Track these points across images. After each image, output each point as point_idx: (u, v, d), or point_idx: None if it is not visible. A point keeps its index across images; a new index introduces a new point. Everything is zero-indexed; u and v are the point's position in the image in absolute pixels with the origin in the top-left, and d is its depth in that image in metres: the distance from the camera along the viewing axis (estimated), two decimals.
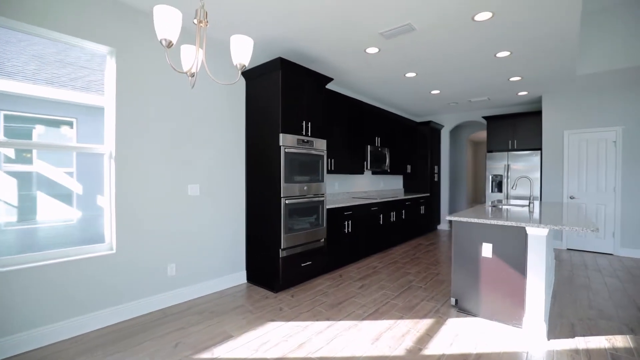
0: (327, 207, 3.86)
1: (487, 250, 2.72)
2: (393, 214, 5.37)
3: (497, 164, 5.86)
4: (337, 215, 4.05)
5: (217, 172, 3.28)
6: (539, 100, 5.75)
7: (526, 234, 2.53)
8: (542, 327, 2.41)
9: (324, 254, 3.80)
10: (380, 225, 5.02)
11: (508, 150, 5.86)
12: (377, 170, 5.50)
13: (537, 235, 2.45)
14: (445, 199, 7.30)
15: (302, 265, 3.51)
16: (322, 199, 3.71)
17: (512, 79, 4.58)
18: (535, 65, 4.03)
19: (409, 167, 6.62)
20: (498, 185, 5.87)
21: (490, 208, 3.63)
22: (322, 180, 3.77)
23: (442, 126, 7.25)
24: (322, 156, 3.77)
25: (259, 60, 3.72)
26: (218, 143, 3.29)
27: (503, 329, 2.55)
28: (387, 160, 5.59)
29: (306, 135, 3.55)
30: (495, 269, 2.68)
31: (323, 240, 3.78)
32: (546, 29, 3.05)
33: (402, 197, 5.66)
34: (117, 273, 2.61)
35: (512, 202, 4.40)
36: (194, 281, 3.15)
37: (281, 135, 3.20)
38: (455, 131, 8.77)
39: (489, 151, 6.04)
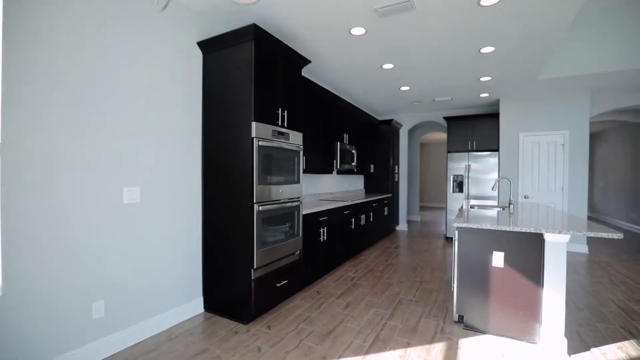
0: (303, 212, 3.27)
1: (497, 259, 2.44)
2: (363, 217, 4.99)
3: (457, 165, 5.90)
4: (312, 221, 3.48)
5: (164, 172, 2.44)
6: (496, 103, 5.94)
7: (543, 241, 2.29)
8: (563, 343, 2.18)
9: (300, 269, 3.19)
10: (352, 230, 4.59)
11: (468, 150, 5.94)
12: (344, 169, 5.07)
13: (556, 242, 2.22)
14: (404, 200, 7.23)
15: (278, 285, 2.86)
16: (298, 203, 3.11)
17: (482, 79, 4.54)
18: (507, 66, 4.00)
19: (372, 166, 6.34)
20: (459, 186, 5.91)
21: (467, 212, 3.43)
22: (298, 181, 3.16)
23: (401, 125, 7.16)
24: (299, 152, 3.17)
25: (219, 31, 2.96)
26: (164, 133, 2.45)
27: (519, 347, 2.27)
28: (355, 159, 5.20)
29: (282, 126, 2.91)
30: (507, 280, 2.41)
31: (299, 252, 3.18)
32: (540, 24, 2.92)
33: (371, 198, 5.32)
34: (3, 326, 1.67)
35: (487, 203, 4.34)
36: (132, 321, 2.28)
37: (254, 124, 2.51)
38: (410, 132, 8.85)
39: (450, 151, 6.07)
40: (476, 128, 5.88)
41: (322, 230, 3.66)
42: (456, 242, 2.64)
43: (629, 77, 4.36)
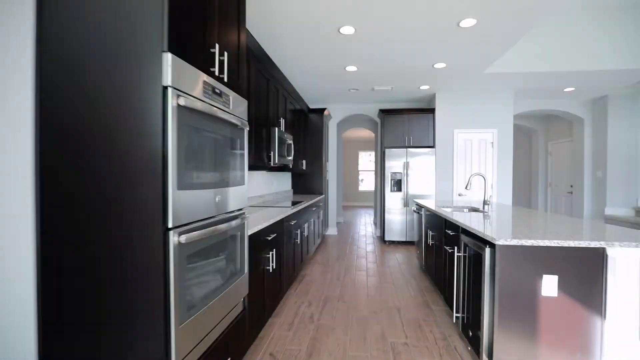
0: (249, 231, 2.00)
1: (549, 285, 1.75)
2: (306, 226, 3.94)
3: (395, 162, 5.44)
4: (259, 243, 2.23)
5: None
6: (429, 99, 5.72)
7: (604, 258, 1.70)
8: None
9: (244, 327, 1.93)
10: (297, 245, 3.48)
11: (405, 146, 5.55)
12: (278, 165, 3.91)
13: (626, 260, 1.66)
14: (334, 201, 6.47)
15: None
16: (243, 219, 1.83)
17: (436, 65, 4.07)
18: (468, 52, 3.60)
19: (304, 162, 5.33)
20: (397, 184, 5.47)
21: (502, 224, 2.81)
22: (243, 182, 1.90)
23: (331, 117, 6.38)
24: (243, 132, 1.90)
25: None
26: None
27: None
28: (292, 152, 4.08)
29: (220, 78, 1.61)
30: (561, 312, 1.75)
31: (243, 300, 1.92)
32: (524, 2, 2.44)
33: (310, 201, 4.29)
34: None
35: (444, 204, 3.86)
36: None
37: (168, 58, 1.17)
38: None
39: (387, 147, 5.57)
40: (412, 123, 5.54)
41: (271, 255, 2.44)
42: (487, 263, 1.86)
43: (549, 80, 4.59)
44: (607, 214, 5.36)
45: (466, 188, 3.19)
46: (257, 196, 3.89)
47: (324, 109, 5.62)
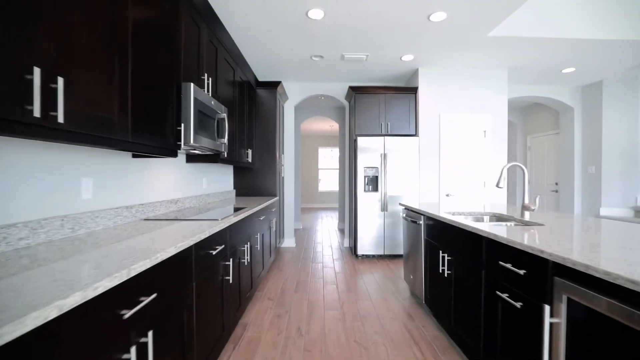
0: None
1: None
2: (247, 247, 2.53)
3: (370, 154, 4.25)
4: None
5: None
6: (411, 76, 4.63)
7: None
8: None
9: None
10: (230, 284, 2.07)
11: (382, 134, 4.39)
12: (202, 151, 2.48)
13: None
14: (292, 204, 5.11)
15: None
16: None
17: (433, 17, 2.93)
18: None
19: (249, 152, 3.90)
20: (372, 183, 4.28)
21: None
22: None
23: (287, 98, 5.02)
24: None
25: None
26: None
27: None
28: (226, 133, 2.65)
29: None
30: None
31: None
32: None
33: (257, 207, 2.89)
34: None
35: (452, 209, 2.72)
36: None
37: None
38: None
39: (359, 135, 4.37)
40: (391, 105, 4.40)
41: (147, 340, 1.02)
42: None
43: (550, 52, 3.74)
44: (603, 215, 4.72)
45: (498, 186, 2.07)
46: (166, 201, 2.39)
47: (277, 83, 4.25)
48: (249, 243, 2.60)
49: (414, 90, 4.37)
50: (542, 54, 3.81)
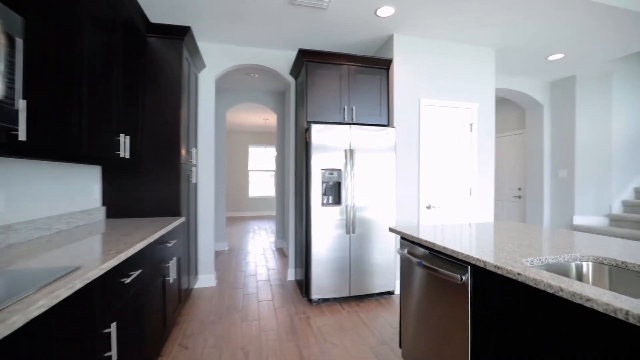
0: None
1: None
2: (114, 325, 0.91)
3: (329, 153, 2.91)
4: None
5: None
6: (383, 44, 3.43)
7: None
8: None
9: None
10: None
11: (346, 122, 3.11)
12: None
13: None
14: (211, 221, 3.46)
15: None
16: None
17: None
18: None
19: (125, 140, 2.17)
20: (333, 191, 2.94)
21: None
22: None
23: (204, 66, 3.37)
24: None
25: None
26: None
27: None
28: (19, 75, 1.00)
29: None
30: None
31: None
32: None
33: (134, 248, 1.26)
34: None
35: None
36: None
37: None
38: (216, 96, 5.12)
39: (313, 122, 2.99)
40: (356, 83, 3.14)
41: None
42: None
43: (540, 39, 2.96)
44: (577, 224, 4.24)
45: None
46: None
47: (183, 30, 2.61)
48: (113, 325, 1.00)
49: (386, 64, 3.19)
50: (533, 31, 2.98)
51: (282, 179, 5.35)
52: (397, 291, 3.18)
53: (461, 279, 1.32)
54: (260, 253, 4.87)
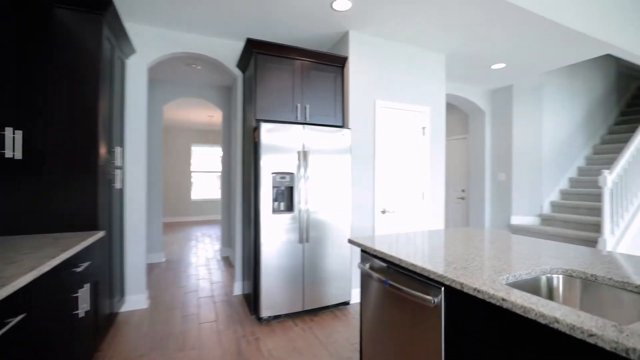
0: None
1: None
2: None
3: (281, 155, 2.65)
4: None
5: None
6: (338, 41, 3.26)
7: None
8: None
9: None
10: None
11: (299, 122, 2.87)
12: None
13: None
14: (141, 233, 2.97)
15: None
16: None
17: None
18: None
19: (13, 135, 1.67)
20: (285, 197, 2.69)
21: None
22: None
23: (134, 51, 2.88)
24: None
25: None
26: None
27: None
28: None
29: None
30: None
31: None
32: None
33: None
34: None
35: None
36: None
37: None
38: (149, 87, 4.54)
39: (263, 121, 2.71)
40: (310, 81, 2.93)
41: None
42: None
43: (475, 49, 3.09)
44: (514, 224, 4.54)
45: None
46: None
47: (103, 3, 2.14)
48: None
49: (342, 62, 3.03)
50: (481, 40, 3.08)
51: (228, 181, 4.93)
52: (353, 300, 3.03)
53: (434, 301, 1.17)
54: (204, 264, 4.41)
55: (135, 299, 2.90)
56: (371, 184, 3.10)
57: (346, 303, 2.93)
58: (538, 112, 4.53)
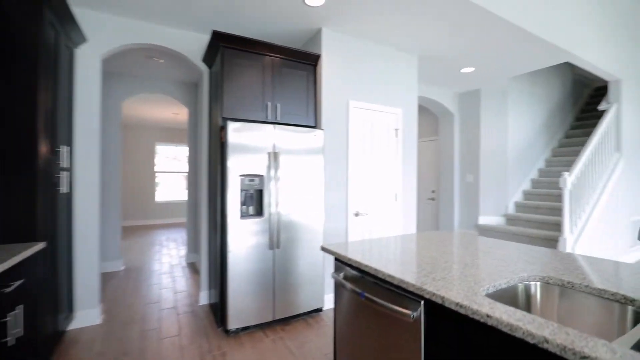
0: None
1: None
2: None
3: (250, 155, 2.50)
4: None
5: None
6: (310, 38, 3.15)
7: None
8: None
9: None
10: None
11: (270, 122, 2.73)
12: None
13: None
14: (93, 241, 2.68)
15: None
16: None
17: None
18: None
19: None
20: (255, 200, 2.54)
21: None
22: None
23: (85, 41, 2.59)
24: None
25: None
26: None
27: None
28: None
29: None
30: None
31: None
32: None
33: None
34: None
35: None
36: None
37: None
38: (105, 81, 4.20)
39: (230, 119, 2.55)
40: (281, 78, 2.79)
41: None
42: None
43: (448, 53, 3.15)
44: (481, 224, 4.68)
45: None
46: None
47: None
48: None
49: (314, 60, 2.93)
50: (451, 44, 3.12)
51: (195, 182, 4.66)
52: (327, 306, 2.94)
53: (412, 316, 1.09)
54: (167, 271, 4.13)
55: (86, 315, 2.62)
56: (344, 186, 3.03)
57: (319, 310, 2.83)
58: (504, 116, 4.70)
